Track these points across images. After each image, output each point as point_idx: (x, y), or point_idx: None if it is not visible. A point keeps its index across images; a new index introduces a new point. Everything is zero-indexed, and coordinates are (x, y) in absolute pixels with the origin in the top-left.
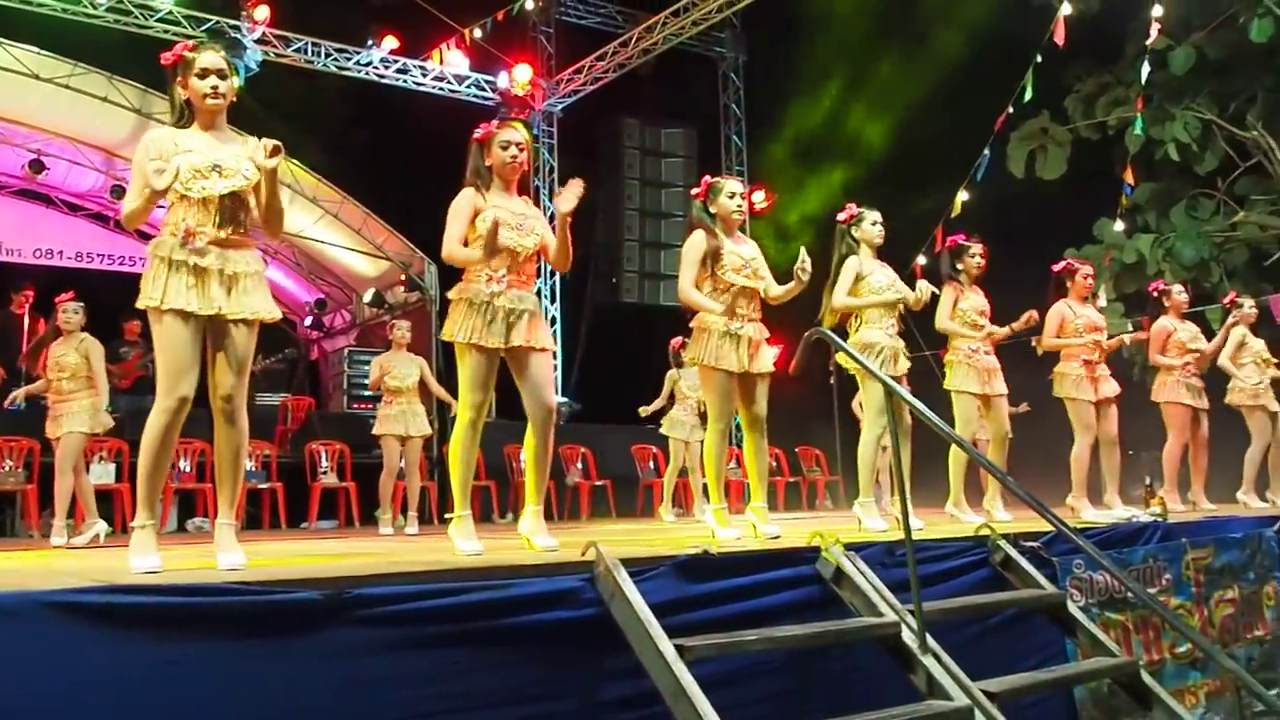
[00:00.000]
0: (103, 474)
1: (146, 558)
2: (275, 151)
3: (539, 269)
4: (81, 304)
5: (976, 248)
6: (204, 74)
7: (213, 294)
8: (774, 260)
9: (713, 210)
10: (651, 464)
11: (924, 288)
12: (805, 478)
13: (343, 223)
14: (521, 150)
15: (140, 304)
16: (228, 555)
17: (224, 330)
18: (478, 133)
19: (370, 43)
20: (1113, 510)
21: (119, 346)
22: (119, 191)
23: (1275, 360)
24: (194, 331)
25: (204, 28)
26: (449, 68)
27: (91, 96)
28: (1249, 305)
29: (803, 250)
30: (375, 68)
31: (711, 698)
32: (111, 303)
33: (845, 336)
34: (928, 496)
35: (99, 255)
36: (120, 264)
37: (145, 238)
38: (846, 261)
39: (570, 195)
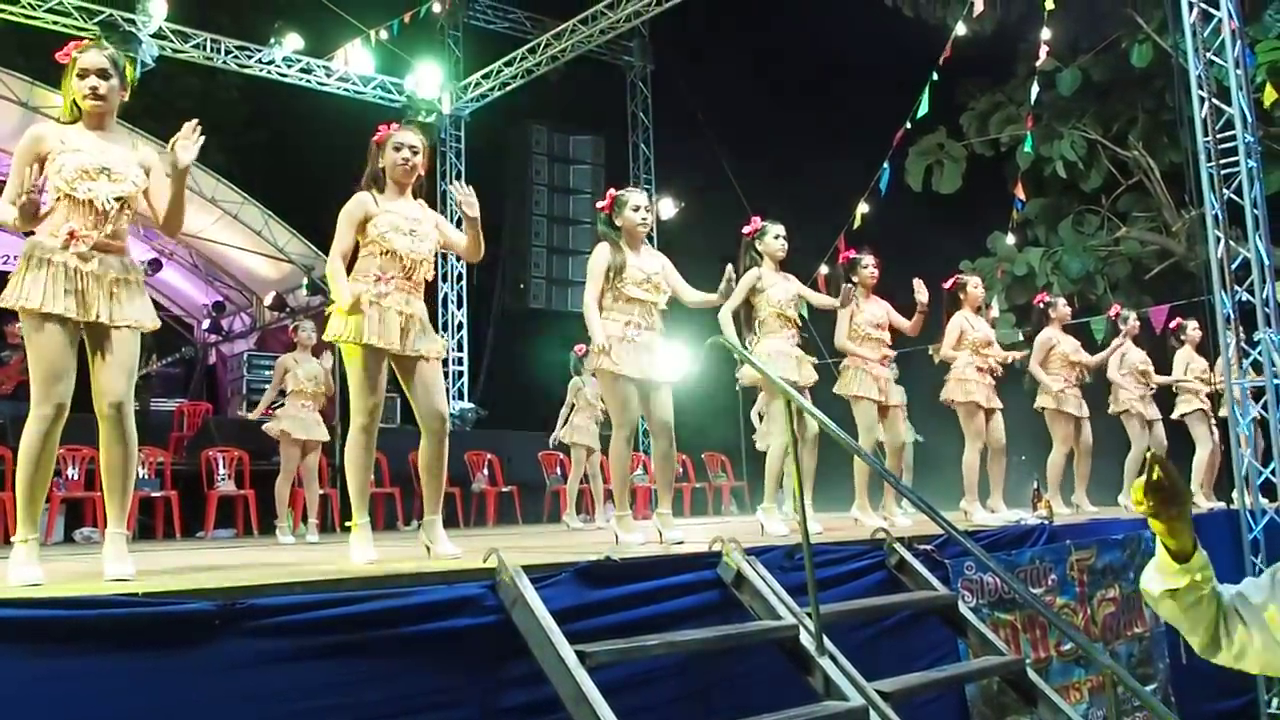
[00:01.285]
0: None
1: (27, 570)
2: (188, 138)
3: (444, 273)
4: None
5: (868, 259)
6: (83, 74)
7: (92, 300)
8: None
9: (617, 223)
10: (558, 470)
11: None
12: (711, 483)
13: (243, 224)
14: (415, 153)
15: (9, 304)
16: (115, 565)
17: (105, 336)
18: (377, 135)
19: (273, 41)
20: (1001, 513)
21: (0, 350)
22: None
23: (1151, 370)
24: (70, 337)
25: (97, 20)
26: (354, 68)
27: None
28: (1133, 319)
29: (729, 267)
30: (277, 66)
31: (613, 703)
32: None
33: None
34: (836, 501)
35: None
36: (4, 263)
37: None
38: (747, 274)
39: (473, 200)
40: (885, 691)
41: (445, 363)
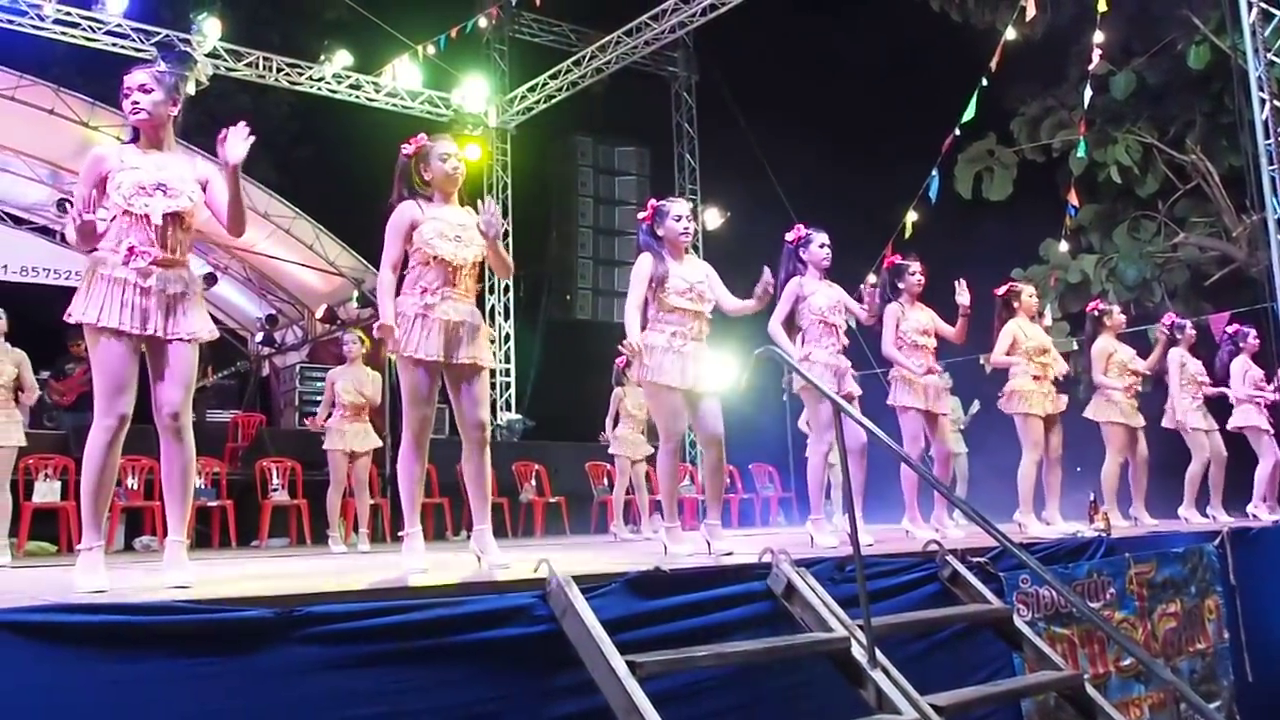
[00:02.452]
0: (48, 492)
1: (93, 577)
2: (238, 137)
3: (491, 285)
4: (2, 310)
5: (915, 265)
6: (128, 92)
7: (151, 314)
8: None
9: (660, 233)
10: (605, 481)
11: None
12: (758, 494)
13: (295, 238)
14: (461, 160)
15: (75, 319)
16: (176, 573)
17: (163, 350)
18: (407, 148)
19: (322, 58)
20: (1057, 526)
21: (64, 363)
22: (65, 205)
23: (1208, 381)
24: (131, 350)
25: (153, 41)
26: (402, 84)
27: (38, 109)
28: (1188, 327)
29: (766, 271)
30: (327, 83)
31: (663, 714)
32: (58, 318)
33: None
34: (884, 512)
35: (44, 269)
36: (67, 279)
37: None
38: (790, 282)
39: (493, 220)
40: (939, 705)
41: (492, 373)
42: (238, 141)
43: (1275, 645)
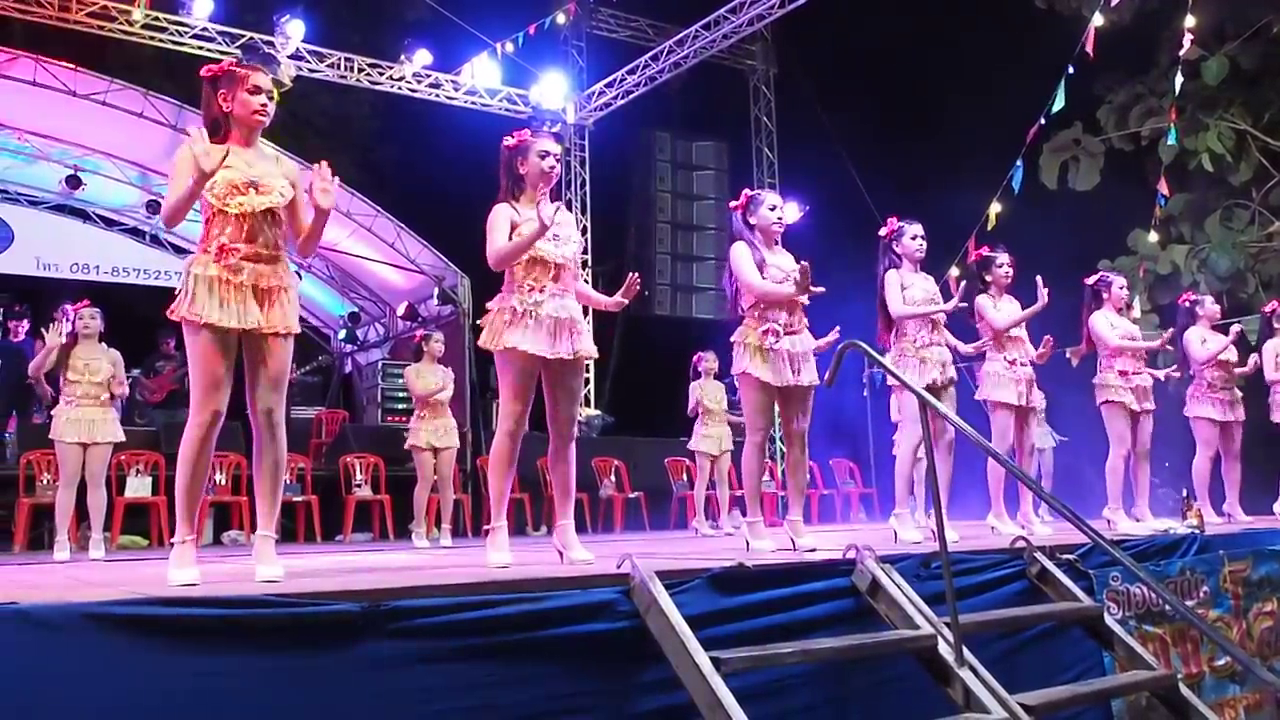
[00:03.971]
0: (139, 487)
1: (185, 571)
2: (326, 181)
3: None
4: (98, 310)
5: (1003, 258)
6: (255, 91)
7: (247, 309)
8: None
9: (752, 222)
10: (685, 476)
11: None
12: (839, 490)
13: (376, 236)
14: (558, 160)
15: (173, 315)
16: (266, 568)
17: (259, 345)
18: (510, 140)
19: (402, 57)
20: (1148, 522)
21: (155, 361)
22: (154, 206)
23: None
24: (227, 346)
25: (238, 44)
26: (480, 81)
27: (127, 112)
28: None
29: (804, 264)
30: (407, 82)
31: (747, 710)
32: (147, 317)
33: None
34: (966, 508)
35: (134, 270)
36: (156, 278)
37: (180, 252)
38: (888, 275)
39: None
40: (1028, 705)
41: None
42: (328, 188)
43: None
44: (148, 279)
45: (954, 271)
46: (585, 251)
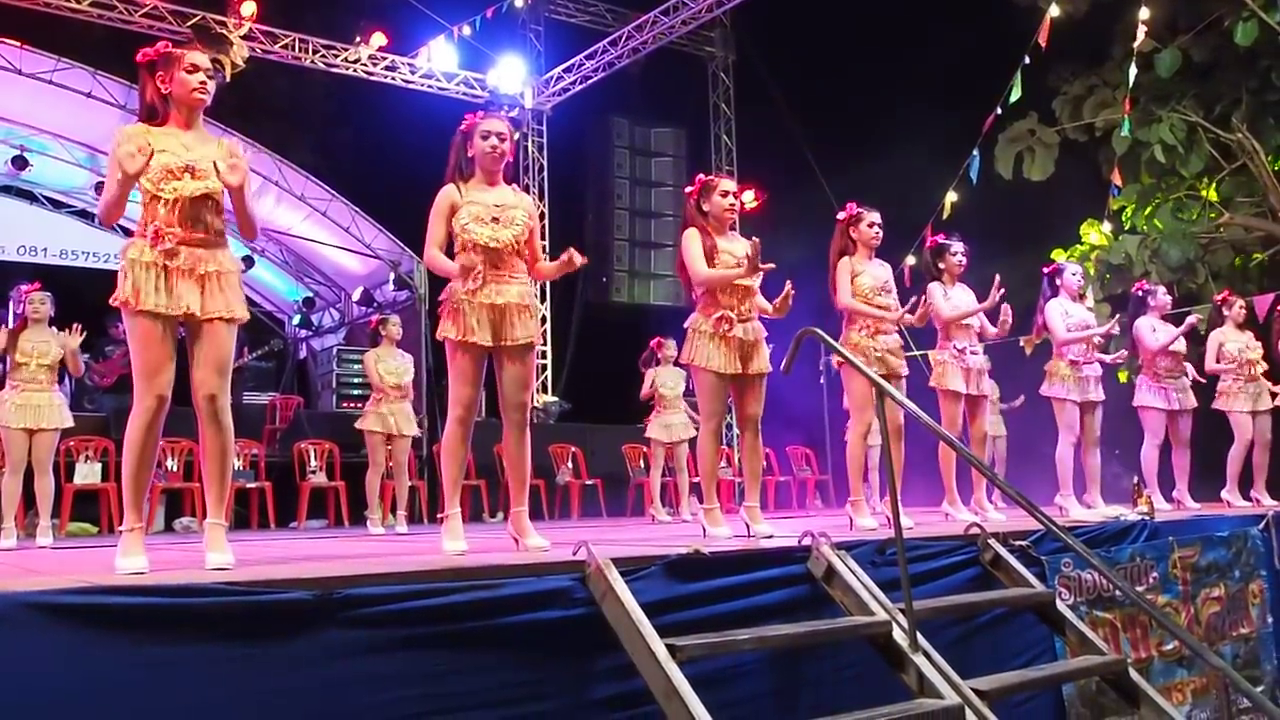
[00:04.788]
0: (88, 474)
1: (133, 559)
2: (237, 158)
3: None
4: (49, 294)
5: (958, 246)
6: (193, 70)
7: (182, 294)
8: None
9: (705, 208)
10: (642, 463)
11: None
12: (795, 477)
13: (331, 220)
14: (503, 140)
15: (113, 301)
16: (216, 555)
17: (200, 330)
18: (463, 125)
19: (358, 39)
20: (1099, 509)
21: (104, 345)
22: (103, 188)
23: (1256, 360)
24: (166, 331)
25: (190, 23)
26: (437, 65)
27: (75, 92)
28: (1238, 305)
29: (789, 285)
30: (363, 64)
31: (702, 697)
32: (96, 301)
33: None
34: (919, 495)
35: (83, 253)
36: (105, 261)
37: (130, 235)
38: (840, 262)
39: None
40: (981, 690)
41: None
42: (235, 167)
43: None
44: (96, 262)
45: (910, 260)
46: (542, 237)
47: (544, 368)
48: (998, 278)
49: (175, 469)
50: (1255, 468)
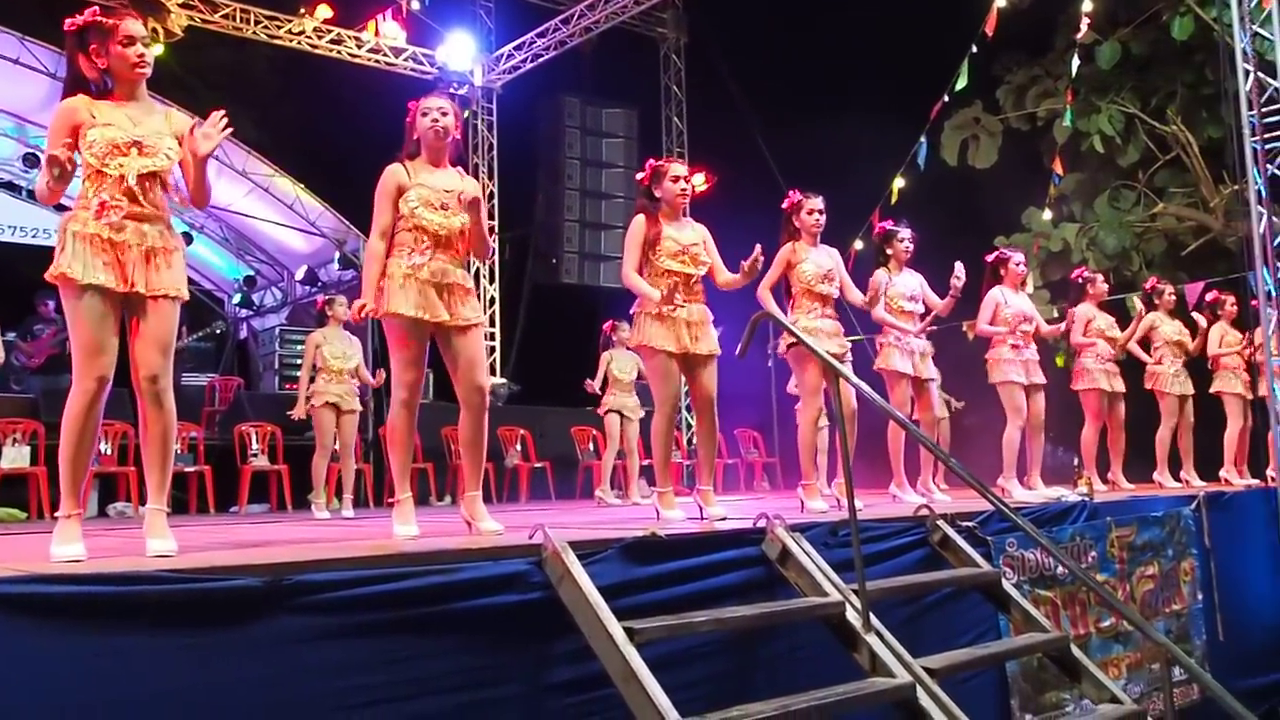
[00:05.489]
0: (17, 457)
1: (70, 546)
2: (214, 128)
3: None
4: None
5: (905, 232)
6: (129, 42)
7: (129, 270)
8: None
9: (656, 194)
10: (591, 445)
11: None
12: (743, 459)
13: (274, 197)
14: (444, 114)
15: (50, 276)
16: (158, 541)
17: (143, 308)
18: (409, 116)
19: (302, 10)
20: (1040, 491)
21: (33, 324)
22: (31, 160)
23: (1187, 346)
24: (109, 308)
25: None
26: (385, 40)
27: (2, 59)
28: (1168, 293)
29: (757, 248)
30: (307, 37)
31: (660, 679)
32: (25, 278)
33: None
34: (867, 477)
35: (9, 227)
36: (34, 237)
37: (61, 209)
38: (781, 249)
39: (209, 132)
40: (931, 668)
41: None
42: (212, 133)
43: (1245, 605)
44: (24, 237)
45: (858, 244)
46: (491, 217)
47: (492, 349)
48: (960, 266)
49: (109, 452)
50: (1182, 450)
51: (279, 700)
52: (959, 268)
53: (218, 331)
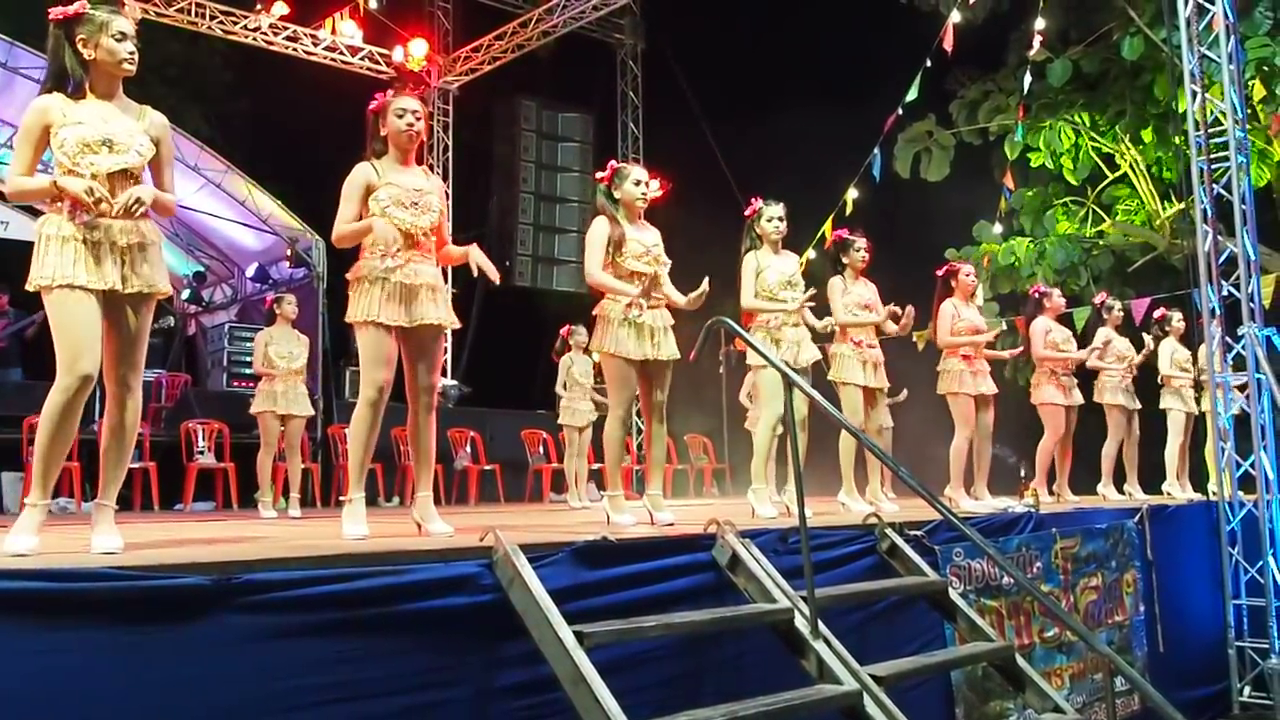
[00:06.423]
0: None
1: (22, 537)
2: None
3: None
4: None
5: (860, 242)
6: (122, 37)
7: (106, 269)
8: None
9: (617, 196)
10: (541, 449)
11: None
12: (692, 465)
13: (226, 193)
14: (418, 118)
15: (31, 286)
16: (103, 538)
17: (120, 305)
18: (373, 104)
19: (258, 7)
20: (986, 501)
21: None
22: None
23: (1132, 359)
24: (93, 306)
25: None
26: (341, 38)
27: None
28: (1117, 308)
29: (705, 281)
30: (263, 33)
31: (609, 683)
32: None
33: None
34: (814, 485)
35: None
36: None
37: (26, 209)
38: (745, 259)
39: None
40: (878, 675)
41: None
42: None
43: (1185, 617)
44: None
45: (811, 254)
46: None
47: (444, 350)
48: (910, 309)
49: None
50: (1126, 462)
51: (226, 700)
52: (910, 311)
53: (166, 326)
